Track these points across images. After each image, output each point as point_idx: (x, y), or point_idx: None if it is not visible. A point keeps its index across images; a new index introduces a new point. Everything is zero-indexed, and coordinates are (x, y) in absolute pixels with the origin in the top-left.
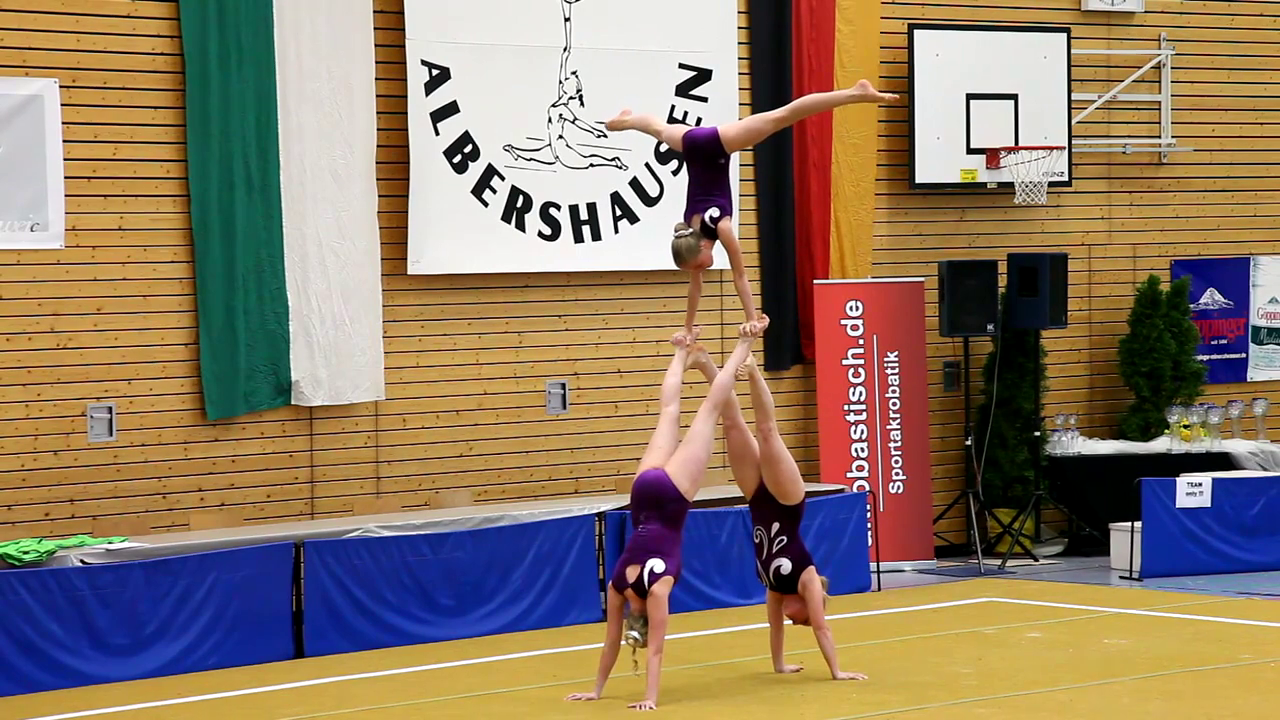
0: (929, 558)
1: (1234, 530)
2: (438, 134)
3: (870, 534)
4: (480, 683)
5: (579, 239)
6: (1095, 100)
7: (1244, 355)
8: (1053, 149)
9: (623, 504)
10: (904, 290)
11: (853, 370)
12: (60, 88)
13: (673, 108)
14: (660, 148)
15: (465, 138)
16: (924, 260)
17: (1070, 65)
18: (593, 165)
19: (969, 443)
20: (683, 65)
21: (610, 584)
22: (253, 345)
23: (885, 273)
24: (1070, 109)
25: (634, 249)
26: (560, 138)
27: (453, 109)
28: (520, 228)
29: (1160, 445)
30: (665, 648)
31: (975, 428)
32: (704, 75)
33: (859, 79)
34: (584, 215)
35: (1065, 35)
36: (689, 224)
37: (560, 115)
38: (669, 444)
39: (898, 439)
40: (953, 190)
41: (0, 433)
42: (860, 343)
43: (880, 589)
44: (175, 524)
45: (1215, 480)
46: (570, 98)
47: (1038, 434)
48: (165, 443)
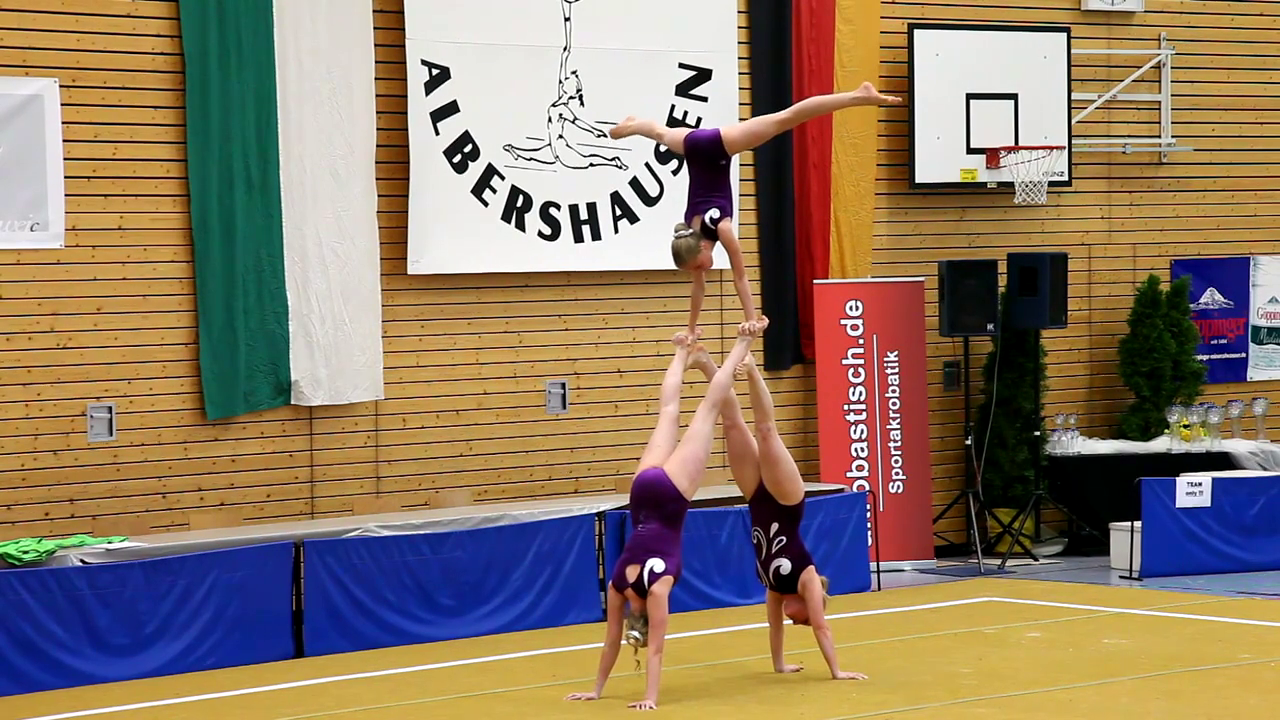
0: (929, 557)
1: (1234, 530)
2: (438, 134)
3: (870, 534)
4: (480, 682)
5: (579, 239)
6: (1095, 100)
7: (1244, 355)
8: (1053, 149)
9: (622, 504)
10: (904, 290)
11: (853, 370)
12: (60, 87)
13: (673, 107)
14: (661, 148)
15: (465, 137)
16: (924, 260)
17: (1070, 65)
18: (593, 165)
19: (969, 442)
20: (683, 65)
21: (610, 584)
22: (252, 345)
23: (885, 272)
24: (1070, 109)
25: (634, 249)
26: (560, 137)
27: (453, 109)
28: (520, 227)
29: (1160, 445)
30: (665, 647)
31: (975, 427)
32: (704, 75)
33: (859, 79)
34: (584, 215)
35: (1065, 35)
36: (689, 225)
37: (560, 115)
38: (668, 443)
39: (897, 439)
40: (952, 190)
41: (0, 432)
42: (860, 342)
43: (880, 589)
44: (175, 524)
45: (1215, 480)
46: (570, 97)
47: (1038, 434)
48: (165, 442)
